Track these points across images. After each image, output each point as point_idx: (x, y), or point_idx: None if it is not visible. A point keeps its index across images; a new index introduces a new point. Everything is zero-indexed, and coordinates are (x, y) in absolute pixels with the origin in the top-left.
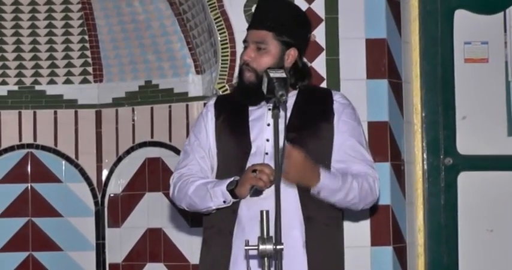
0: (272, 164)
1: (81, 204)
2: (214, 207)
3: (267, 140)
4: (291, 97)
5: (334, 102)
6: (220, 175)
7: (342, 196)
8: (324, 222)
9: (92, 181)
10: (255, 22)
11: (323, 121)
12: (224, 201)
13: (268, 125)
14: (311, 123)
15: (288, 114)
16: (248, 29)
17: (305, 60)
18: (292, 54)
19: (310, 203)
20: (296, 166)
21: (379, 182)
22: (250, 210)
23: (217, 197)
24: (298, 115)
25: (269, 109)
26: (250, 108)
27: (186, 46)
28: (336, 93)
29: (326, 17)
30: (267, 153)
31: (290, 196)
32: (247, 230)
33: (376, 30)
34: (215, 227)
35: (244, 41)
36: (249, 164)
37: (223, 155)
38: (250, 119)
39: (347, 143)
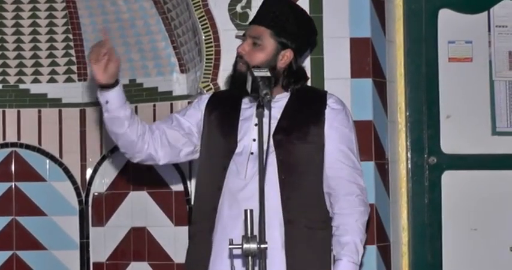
0: (257, 164)
1: (65, 203)
2: (105, 113)
3: (254, 140)
4: (283, 99)
5: (327, 107)
6: (204, 172)
7: (363, 241)
8: (306, 225)
9: (76, 180)
10: (256, 18)
11: (313, 125)
12: (106, 99)
13: (256, 125)
14: (300, 127)
15: (278, 116)
16: (249, 24)
17: (303, 65)
18: (287, 55)
19: (292, 206)
20: None
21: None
22: (231, 209)
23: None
24: (287, 117)
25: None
26: (243, 107)
27: (170, 45)
28: (331, 96)
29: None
30: (252, 153)
31: (272, 198)
32: (228, 229)
33: (360, 29)
34: (197, 224)
35: (243, 35)
36: (232, 163)
37: (209, 152)
38: (240, 118)
39: (338, 149)
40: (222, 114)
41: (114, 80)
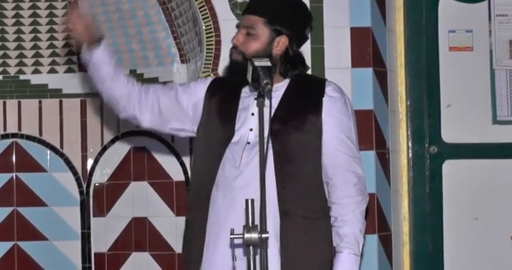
0: (253, 153)
1: (66, 193)
2: (88, 68)
3: (251, 130)
4: (281, 87)
5: (325, 95)
6: (200, 159)
7: (363, 231)
8: (304, 215)
9: (77, 170)
10: (248, 7)
11: (310, 114)
12: (88, 57)
13: (253, 114)
14: (297, 116)
15: (275, 106)
16: (242, 14)
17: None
18: (282, 41)
19: (288, 197)
20: None
21: (364, 172)
22: (226, 197)
23: None
24: (285, 107)
25: (255, 99)
26: (242, 95)
27: (170, 35)
28: (329, 84)
29: (311, 6)
30: (248, 143)
31: (268, 188)
32: (222, 217)
33: (361, 19)
34: (192, 212)
35: (237, 26)
36: (228, 152)
37: (206, 140)
38: (239, 107)
39: (336, 137)
40: (222, 102)
41: (96, 39)
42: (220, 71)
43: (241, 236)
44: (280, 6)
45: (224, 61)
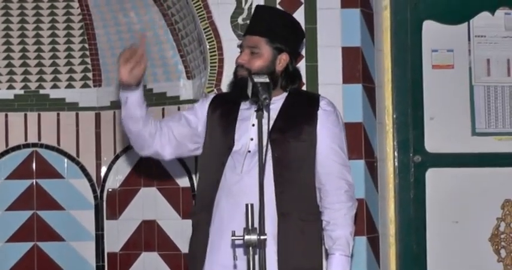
0: (254, 161)
1: (82, 198)
2: (123, 111)
3: (251, 139)
4: (280, 100)
5: (319, 108)
6: (204, 167)
7: (353, 233)
8: (299, 217)
9: (92, 177)
10: (250, 28)
11: (306, 125)
12: (126, 97)
13: (253, 125)
14: (294, 126)
15: (275, 116)
16: (244, 35)
17: (297, 65)
18: (284, 58)
19: (286, 200)
20: None
21: (354, 179)
22: (228, 202)
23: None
24: (283, 117)
25: (255, 111)
26: (241, 107)
27: (177, 53)
28: (323, 99)
29: (306, 27)
30: (249, 151)
31: (267, 192)
32: (225, 220)
33: (351, 39)
34: (197, 215)
35: (240, 46)
36: (230, 160)
37: (209, 149)
38: (239, 118)
39: (329, 147)
40: (222, 114)
41: (136, 82)
42: (223, 86)
43: (242, 237)
44: (278, 25)
45: (226, 77)
